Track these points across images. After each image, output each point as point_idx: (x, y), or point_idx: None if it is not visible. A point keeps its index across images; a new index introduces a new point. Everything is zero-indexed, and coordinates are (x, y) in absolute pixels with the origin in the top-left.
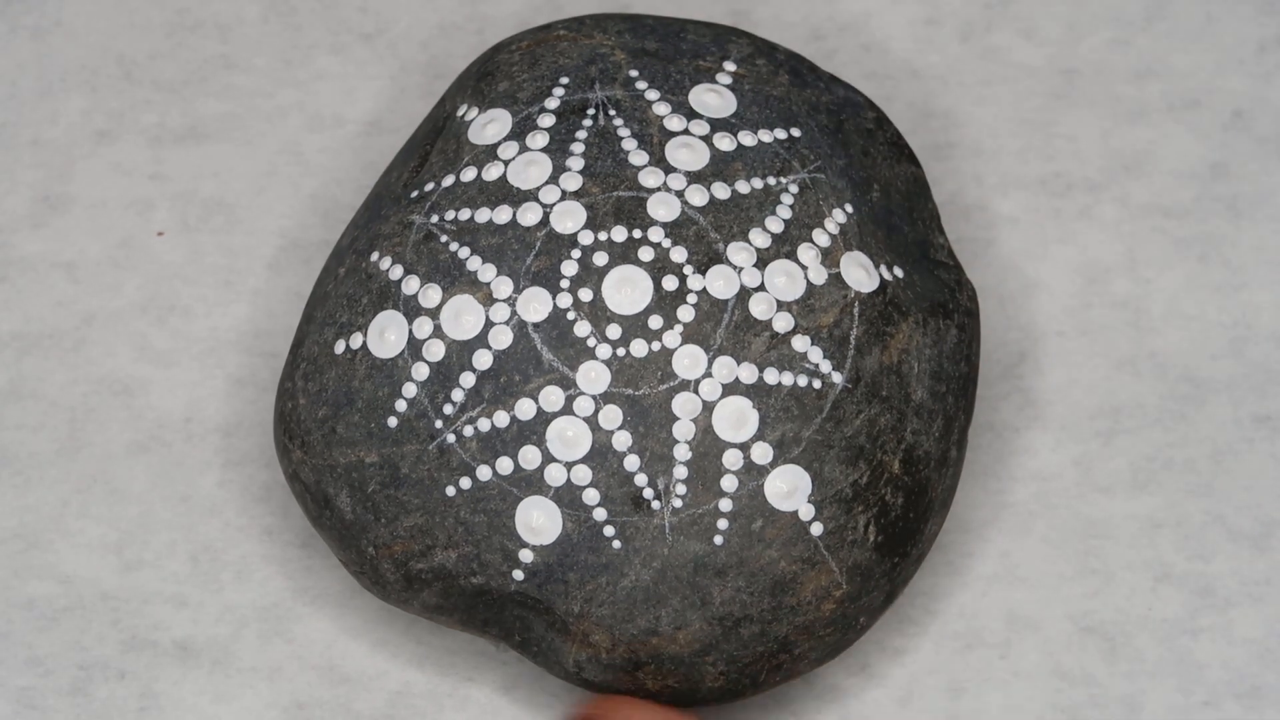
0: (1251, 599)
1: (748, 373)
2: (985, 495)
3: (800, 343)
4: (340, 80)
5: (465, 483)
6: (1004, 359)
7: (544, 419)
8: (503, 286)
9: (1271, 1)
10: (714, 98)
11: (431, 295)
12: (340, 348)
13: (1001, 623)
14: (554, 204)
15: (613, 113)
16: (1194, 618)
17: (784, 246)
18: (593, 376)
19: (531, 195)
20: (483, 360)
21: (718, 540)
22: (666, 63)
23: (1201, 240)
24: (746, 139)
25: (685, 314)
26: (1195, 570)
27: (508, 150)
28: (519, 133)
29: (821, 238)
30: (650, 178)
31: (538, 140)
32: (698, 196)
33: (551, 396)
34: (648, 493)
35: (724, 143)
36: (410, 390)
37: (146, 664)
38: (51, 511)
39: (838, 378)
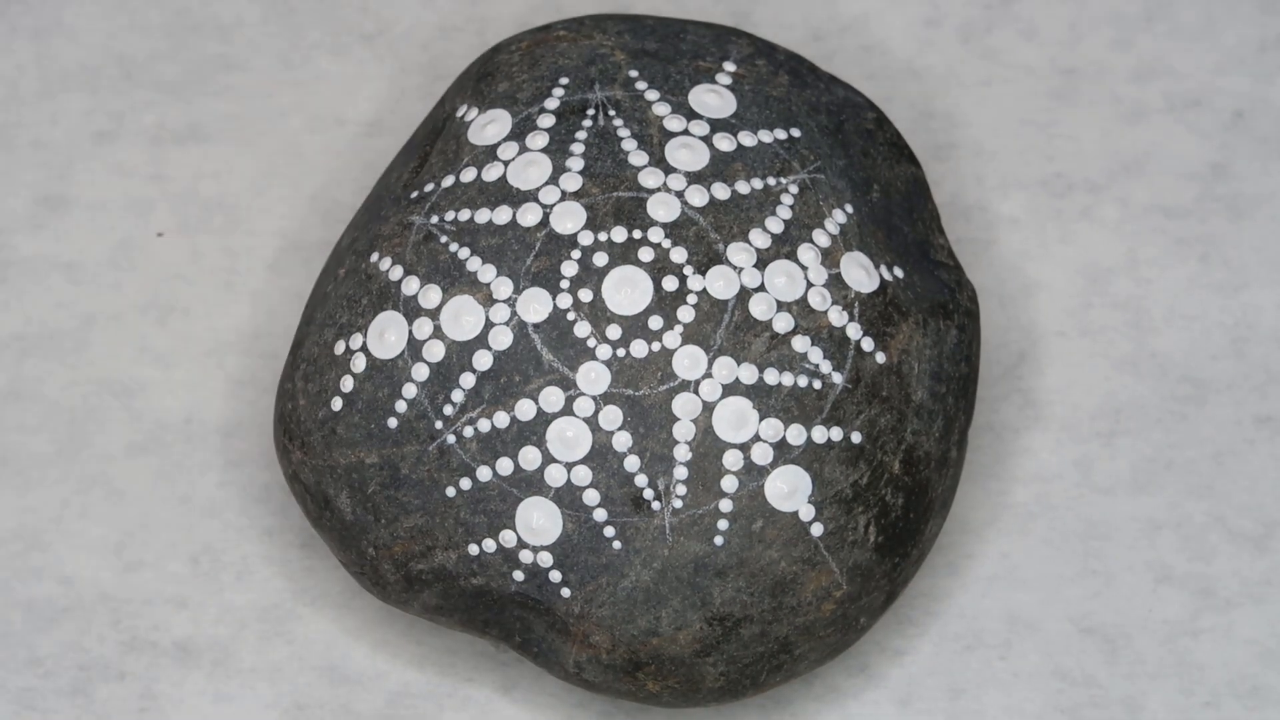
0: (1252, 600)
1: (748, 373)
2: (985, 496)
3: (800, 343)
4: (340, 81)
5: (465, 483)
6: (1004, 359)
7: (544, 419)
8: (502, 287)
9: (1272, 1)
10: (714, 98)
11: (431, 296)
12: (340, 348)
13: (1002, 624)
14: (554, 204)
15: (612, 113)
16: (1195, 619)
17: (784, 247)
18: (593, 377)
19: (531, 196)
20: (483, 361)
21: (718, 541)
22: (666, 63)
23: (1202, 240)
24: (746, 139)
25: (685, 314)
26: (1196, 571)
27: (507, 151)
28: (519, 133)
29: (821, 238)
30: (650, 178)
31: (537, 141)
32: (698, 197)
33: (551, 397)
34: (648, 493)
35: (724, 143)
36: (410, 391)
37: (146, 665)
38: (51, 512)
39: (838, 378)
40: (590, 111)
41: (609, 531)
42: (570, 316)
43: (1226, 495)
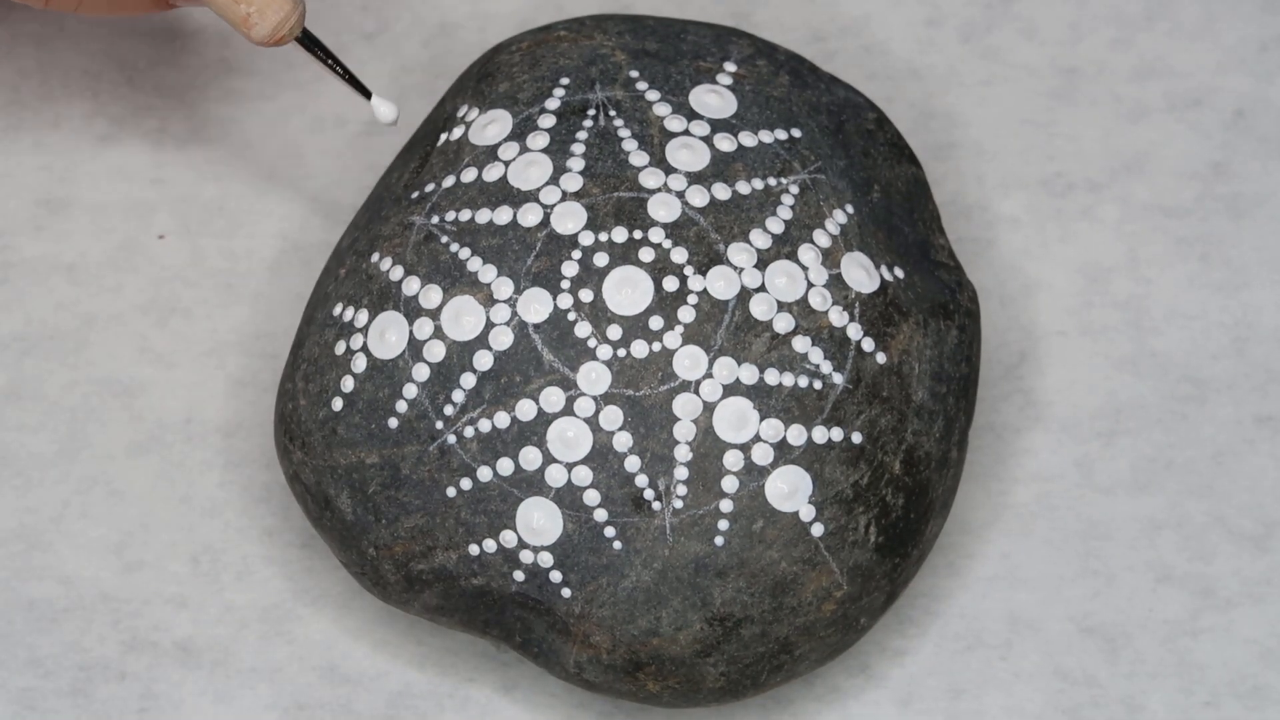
0: (1253, 599)
1: (748, 373)
2: (986, 496)
3: (801, 343)
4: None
5: (466, 483)
6: (1005, 359)
7: (544, 420)
8: (503, 287)
9: (1273, 1)
10: (714, 98)
11: (432, 296)
12: (341, 348)
13: (1002, 624)
14: (554, 205)
15: (613, 113)
16: (1195, 618)
17: (784, 247)
18: (593, 377)
19: (532, 196)
20: (483, 361)
21: (718, 541)
22: (667, 63)
23: (1203, 240)
24: (747, 140)
25: (686, 315)
26: (1196, 571)
27: (508, 151)
28: (519, 133)
29: (822, 238)
30: (651, 178)
31: (538, 141)
32: (698, 197)
33: (552, 397)
34: (648, 493)
35: (724, 143)
36: (411, 391)
37: (147, 665)
38: (52, 512)
39: (838, 378)
40: (591, 112)
41: (609, 532)
42: (571, 317)
43: (1226, 495)
